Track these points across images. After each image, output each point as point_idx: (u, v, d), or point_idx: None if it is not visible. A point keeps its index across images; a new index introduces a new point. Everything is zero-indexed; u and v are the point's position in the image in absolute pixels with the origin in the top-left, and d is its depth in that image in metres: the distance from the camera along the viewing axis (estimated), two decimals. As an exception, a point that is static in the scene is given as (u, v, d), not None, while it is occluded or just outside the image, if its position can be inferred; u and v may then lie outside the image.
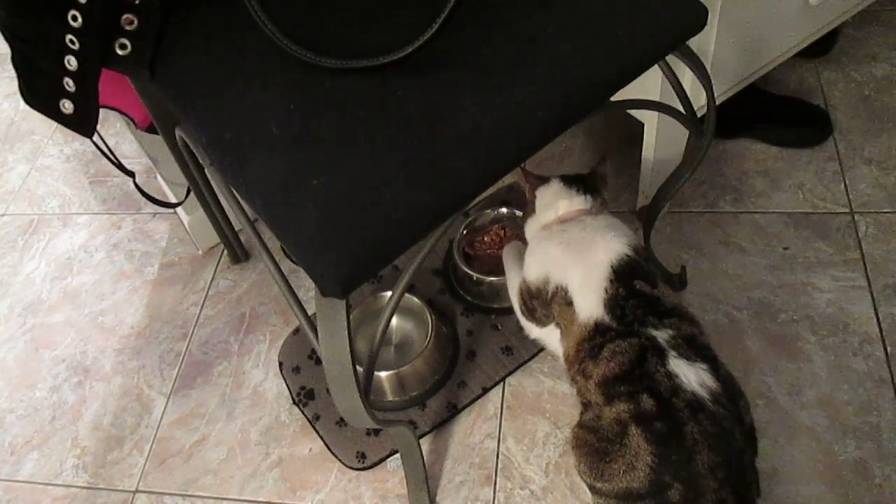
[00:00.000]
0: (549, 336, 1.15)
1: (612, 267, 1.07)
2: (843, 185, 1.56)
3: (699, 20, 0.89)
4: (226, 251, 1.62)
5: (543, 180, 1.20)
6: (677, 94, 1.07)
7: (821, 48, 1.78)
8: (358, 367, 0.84)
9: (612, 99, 0.91)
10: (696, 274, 1.46)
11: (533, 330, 1.18)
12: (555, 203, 1.16)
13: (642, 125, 1.41)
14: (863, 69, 1.76)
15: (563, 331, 1.10)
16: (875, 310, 1.37)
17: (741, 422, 0.99)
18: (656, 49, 0.86)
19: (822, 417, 1.26)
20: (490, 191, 1.65)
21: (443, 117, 0.80)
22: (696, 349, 1.02)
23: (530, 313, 1.17)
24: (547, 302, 1.14)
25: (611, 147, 1.71)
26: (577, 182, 1.17)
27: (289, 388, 1.40)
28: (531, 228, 1.20)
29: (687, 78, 1.18)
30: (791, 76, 1.77)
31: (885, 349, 1.32)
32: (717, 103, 1.35)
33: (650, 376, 0.98)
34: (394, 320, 1.44)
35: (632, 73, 0.85)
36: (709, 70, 1.03)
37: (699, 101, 1.27)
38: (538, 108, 0.81)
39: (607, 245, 1.09)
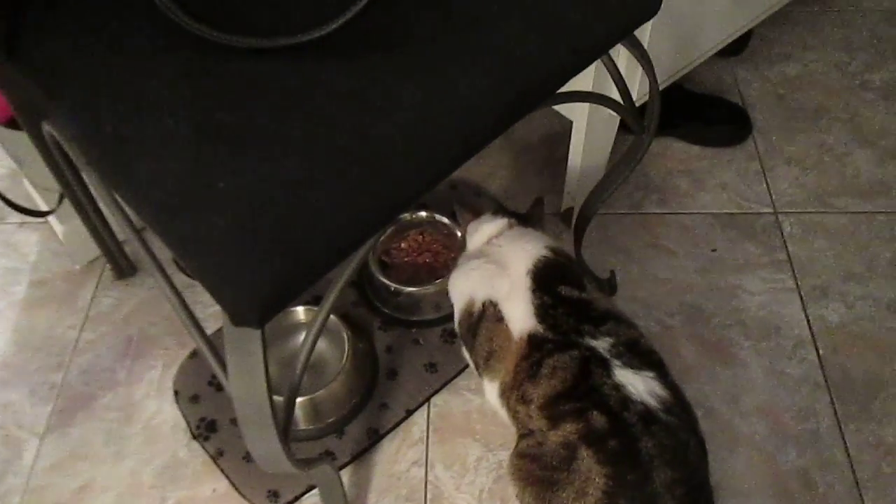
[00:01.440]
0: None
1: (529, 274, 1.02)
2: (765, 184, 1.53)
3: (653, 4, 0.80)
4: (108, 265, 1.42)
5: (476, 214, 1.19)
6: (617, 85, 0.98)
7: (735, 47, 1.76)
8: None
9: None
10: (625, 279, 1.39)
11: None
12: (479, 229, 1.14)
13: (565, 122, 1.33)
14: (776, 68, 1.76)
15: (496, 356, 1.01)
16: (805, 312, 1.34)
17: (695, 432, 0.93)
18: (611, 32, 0.77)
19: (761, 426, 1.21)
20: (406, 193, 1.52)
21: (376, 108, 0.67)
22: (640, 355, 0.95)
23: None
24: (474, 327, 1.05)
25: (530, 146, 1.62)
26: (505, 212, 1.18)
27: (187, 421, 1.23)
28: (462, 262, 1.16)
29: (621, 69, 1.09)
30: (708, 75, 1.74)
31: (818, 352, 1.29)
32: (639, 103, 1.29)
33: (597, 390, 0.91)
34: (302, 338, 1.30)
35: (587, 58, 0.76)
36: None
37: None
38: (486, 98, 0.70)
39: (522, 252, 1.06)
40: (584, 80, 1.18)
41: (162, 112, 0.67)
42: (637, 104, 1.11)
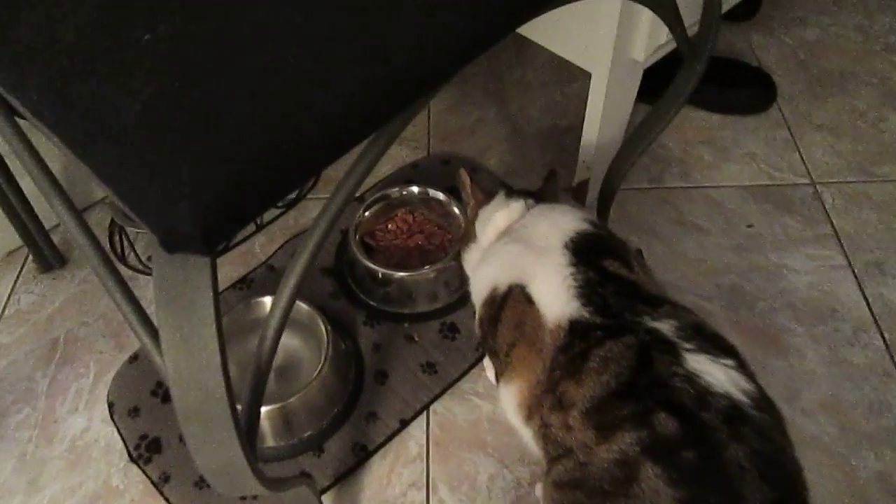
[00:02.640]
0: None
1: (566, 247, 0.82)
2: (797, 153, 1.35)
3: None
4: (31, 256, 1.18)
5: (489, 197, 0.97)
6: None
7: (746, 11, 1.60)
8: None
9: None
10: (652, 260, 1.19)
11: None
12: (493, 217, 0.93)
13: (567, 91, 1.13)
14: (793, 33, 1.59)
15: (523, 344, 0.80)
16: (862, 291, 1.15)
17: (787, 436, 0.71)
18: None
19: (830, 425, 1.01)
20: (389, 168, 1.31)
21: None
22: (712, 340, 0.73)
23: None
24: (496, 314, 0.83)
25: (529, 118, 1.42)
26: (519, 193, 0.96)
27: (123, 439, 0.99)
28: (471, 257, 0.95)
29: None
30: (720, 41, 1.56)
31: (883, 336, 1.09)
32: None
33: (664, 383, 0.68)
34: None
35: None
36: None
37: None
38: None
39: (555, 226, 0.85)
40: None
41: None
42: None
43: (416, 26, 0.44)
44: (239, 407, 0.52)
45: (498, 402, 1.04)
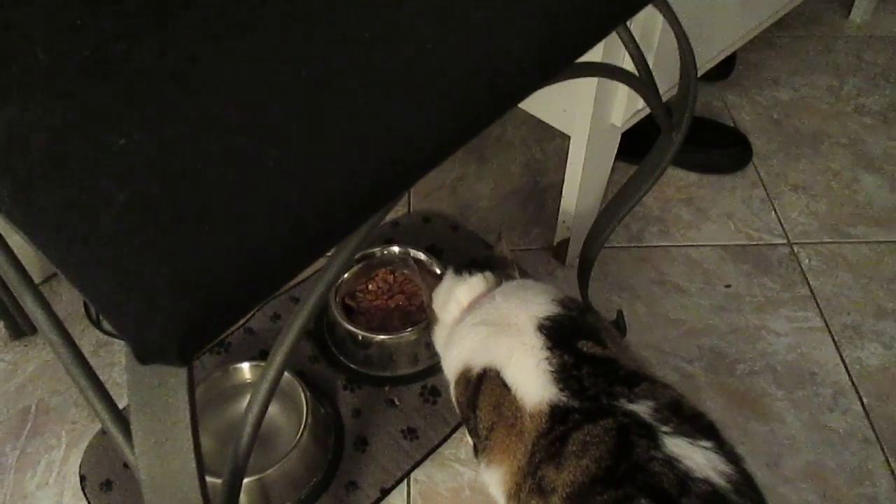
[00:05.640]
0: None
1: (541, 331, 0.81)
2: (773, 213, 1.36)
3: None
4: (1, 322, 1.15)
5: (438, 278, 0.97)
6: (635, 60, 0.79)
7: (721, 71, 1.63)
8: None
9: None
10: (632, 320, 1.19)
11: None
12: (452, 294, 0.92)
13: (546, 148, 1.14)
14: (766, 93, 1.62)
15: (502, 427, 0.79)
16: (840, 354, 1.15)
17: None
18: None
19: (811, 492, 1.00)
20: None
21: (369, 41, 0.46)
22: (690, 420, 0.73)
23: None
24: (473, 396, 0.82)
25: (510, 176, 1.43)
26: (471, 265, 0.95)
27: (95, 515, 0.96)
28: (439, 337, 0.94)
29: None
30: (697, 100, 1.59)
31: (862, 401, 1.10)
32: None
33: (644, 468, 0.68)
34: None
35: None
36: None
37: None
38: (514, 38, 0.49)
39: (526, 307, 0.84)
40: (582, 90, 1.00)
41: (29, 44, 0.44)
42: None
43: (405, 116, 0.44)
44: (215, 480, 0.51)
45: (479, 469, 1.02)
